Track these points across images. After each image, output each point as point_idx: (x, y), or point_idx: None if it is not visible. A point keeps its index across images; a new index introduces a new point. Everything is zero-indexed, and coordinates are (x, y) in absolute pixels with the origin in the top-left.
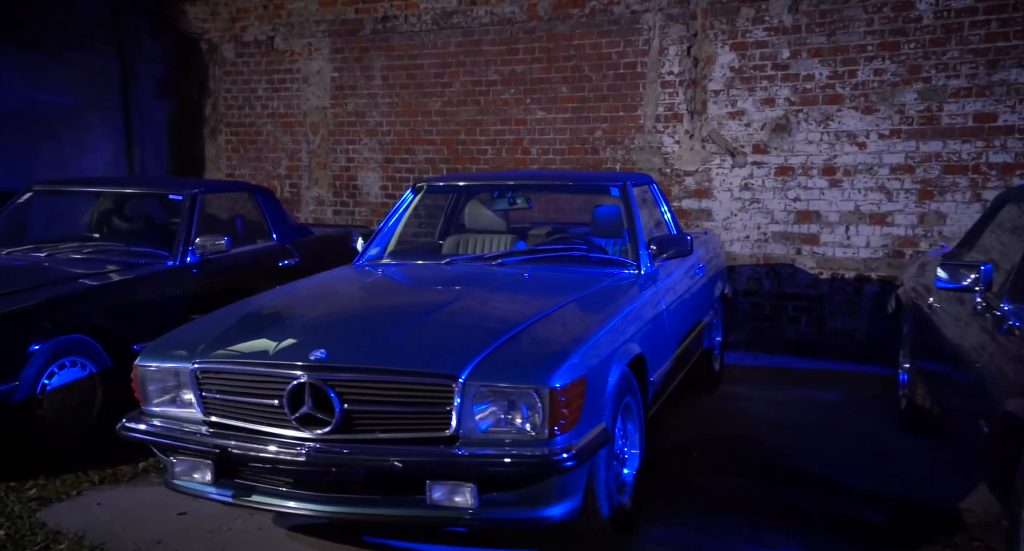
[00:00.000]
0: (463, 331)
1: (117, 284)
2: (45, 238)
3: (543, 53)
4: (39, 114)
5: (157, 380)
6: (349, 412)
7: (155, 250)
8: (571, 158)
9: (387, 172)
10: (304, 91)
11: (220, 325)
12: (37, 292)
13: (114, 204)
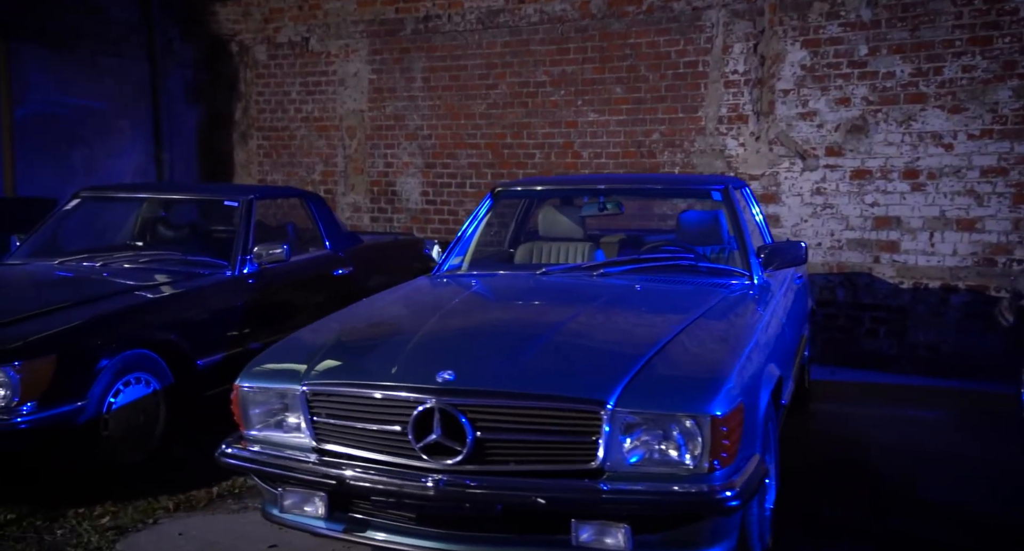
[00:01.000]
0: (597, 352)
1: (180, 296)
2: (95, 247)
3: (596, 52)
4: (69, 119)
5: (261, 403)
6: (482, 441)
7: (213, 259)
8: (625, 162)
9: (427, 177)
10: (340, 94)
11: (322, 343)
12: (102, 304)
13: (162, 211)
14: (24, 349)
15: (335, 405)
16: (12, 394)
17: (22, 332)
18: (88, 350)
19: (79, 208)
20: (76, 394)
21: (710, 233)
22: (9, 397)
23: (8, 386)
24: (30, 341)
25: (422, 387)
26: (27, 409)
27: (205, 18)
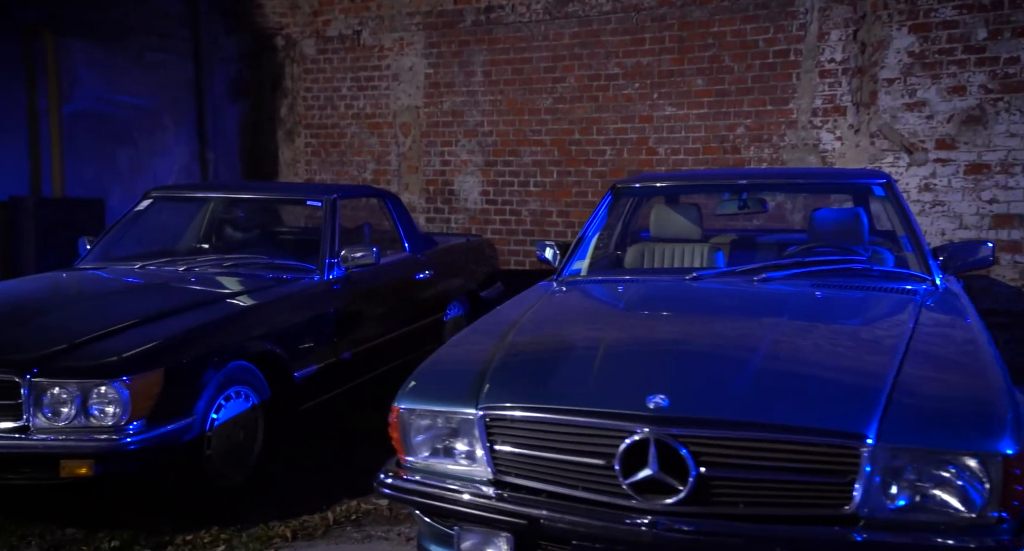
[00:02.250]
0: (828, 375)
1: (275, 303)
2: (168, 249)
3: (674, 42)
4: (116, 116)
5: (426, 428)
6: (705, 478)
7: (299, 263)
8: (706, 158)
9: (488, 176)
10: (394, 89)
11: (486, 360)
12: (201, 313)
13: (235, 211)
14: (132, 363)
15: (520, 432)
16: (121, 411)
17: (124, 344)
18: (194, 363)
19: (150, 209)
20: (183, 411)
21: (849, 233)
22: (118, 415)
23: (117, 403)
24: (137, 354)
25: (632, 414)
26: (135, 428)
27: (250, 11)
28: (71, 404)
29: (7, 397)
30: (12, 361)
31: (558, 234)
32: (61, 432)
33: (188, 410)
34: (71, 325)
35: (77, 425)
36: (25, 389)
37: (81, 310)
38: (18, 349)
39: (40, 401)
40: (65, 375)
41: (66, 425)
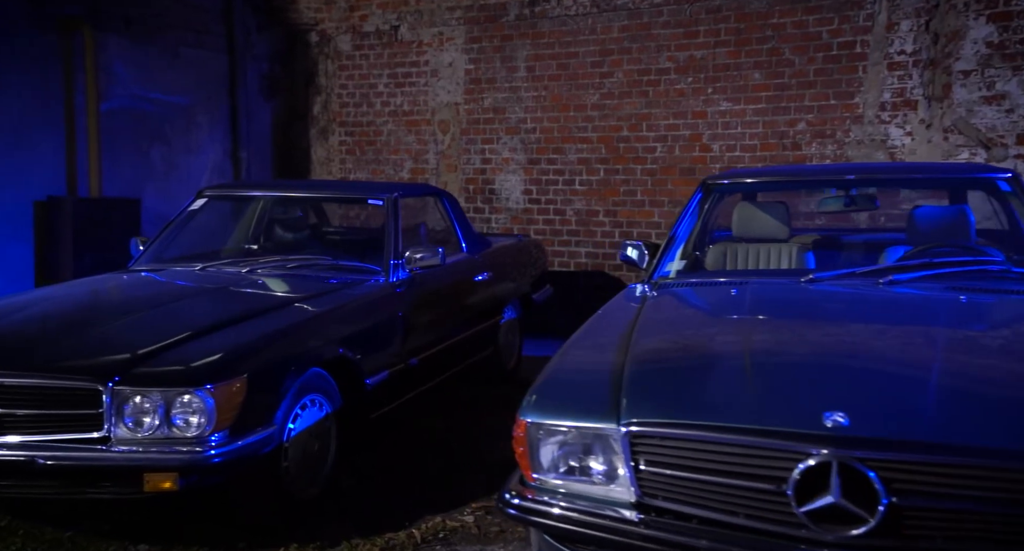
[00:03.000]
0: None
1: (346, 307)
2: (227, 250)
3: (731, 35)
4: (151, 114)
5: (558, 444)
6: (897, 508)
7: (364, 264)
8: (764, 155)
9: (531, 175)
10: (433, 86)
11: (613, 370)
12: (276, 316)
13: (291, 210)
14: (216, 370)
15: (672, 451)
16: (207, 421)
17: (205, 350)
18: (275, 370)
19: (204, 208)
20: (265, 420)
21: (955, 231)
22: (203, 425)
23: (203, 412)
24: (220, 360)
25: (808, 434)
26: (218, 439)
27: (284, 7)
28: (154, 414)
29: (87, 406)
30: (93, 368)
31: (605, 234)
32: (143, 443)
33: (269, 419)
34: (146, 330)
35: (160, 436)
36: (107, 397)
37: (153, 315)
38: (97, 356)
39: (122, 410)
40: (148, 383)
41: (148, 436)
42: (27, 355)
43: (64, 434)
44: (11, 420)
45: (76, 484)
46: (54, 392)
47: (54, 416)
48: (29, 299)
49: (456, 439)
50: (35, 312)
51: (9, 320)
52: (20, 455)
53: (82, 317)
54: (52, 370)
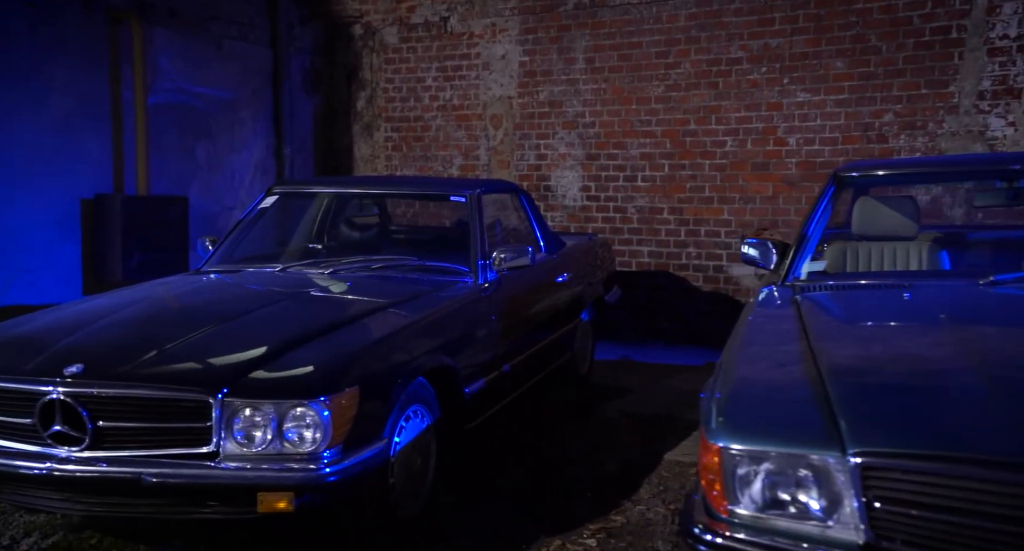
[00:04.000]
0: None
1: (444, 311)
2: (305, 249)
3: (810, 22)
4: (196, 109)
5: (763, 472)
6: None
7: (452, 265)
8: (845, 148)
9: (589, 171)
10: (484, 79)
11: (812, 386)
12: (376, 322)
13: (366, 208)
14: (330, 380)
15: (914, 487)
16: (322, 436)
17: (314, 359)
18: (385, 380)
19: (273, 206)
20: (375, 434)
21: None
22: (318, 440)
23: (318, 426)
24: (333, 370)
25: None
26: (331, 455)
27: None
28: (266, 428)
29: (195, 419)
30: (201, 378)
31: (669, 233)
32: (254, 459)
33: (379, 433)
34: (247, 338)
35: (272, 452)
36: (216, 410)
37: (250, 321)
38: (203, 365)
39: (231, 424)
40: (259, 395)
41: (260, 452)
42: (129, 364)
43: (169, 449)
44: (114, 433)
45: (184, 503)
46: (160, 404)
47: (159, 429)
48: (107, 304)
49: (544, 450)
50: (122, 318)
51: (96, 327)
52: (125, 471)
53: (174, 324)
54: (158, 380)
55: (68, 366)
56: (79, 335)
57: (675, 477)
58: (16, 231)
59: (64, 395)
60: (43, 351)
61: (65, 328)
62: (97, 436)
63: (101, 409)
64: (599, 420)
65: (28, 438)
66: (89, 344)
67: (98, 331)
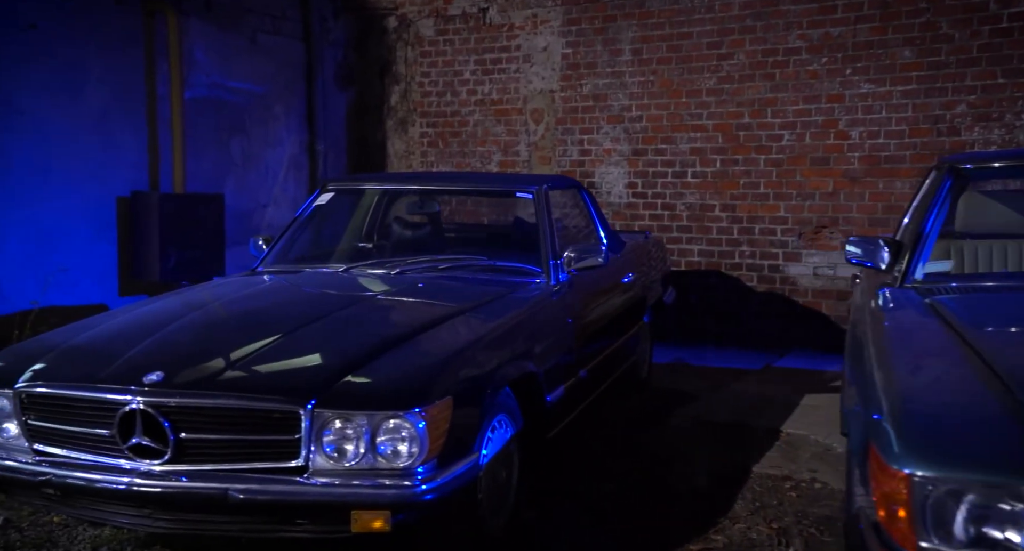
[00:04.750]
0: None
1: (525, 314)
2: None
3: (875, 8)
4: (230, 103)
5: (965, 505)
6: None
7: (526, 266)
8: (912, 142)
9: (635, 167)
10: (525, 72)
11: (997, 405)
12: (459, 327)
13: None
14: (424, 389)
15: None
16: (419, 450)
17: (402, 367)
18: (476, 389)
19: (329, 203)
20: (467, 447)
21: None
22: (414, 454)
23: (414, 440)
24: (427, 379)
25: None
26: (425, 470)
27: None
28: (358, 441)
29: (282, 431)
30: (290, 388)
31: (721, 230)
32: (345, 475)
33: (470, 446)
34: (329, 345)
35: (364, 466)
36: (306, 421)
37: (327, 326)
38: (289, 374)
39: (321, 437)
40: (350, 405)
41: (352, 467)
42: (210, 372)
43: (254, 463)
44: (196, 446)
45: (272, 521)
46: (245, 414)
47: (244, 442)
48: (169, 308)
49: (621, 460)
50: (190, 323)
51: (166, 333)
52: (211, 487)
53: (248, 329)
54: (243, 390)
55: (147, 374)
56: (150, 342)
57: (769, 492)
58: (54, 230)
59: (145, 405)
60: (115, 359)
61: (132, 334)
62: (179, 449)
63: (183, 420)
64: (670, 428)
65: (105, 450)
66: (164, 351)
67: (169, 337)
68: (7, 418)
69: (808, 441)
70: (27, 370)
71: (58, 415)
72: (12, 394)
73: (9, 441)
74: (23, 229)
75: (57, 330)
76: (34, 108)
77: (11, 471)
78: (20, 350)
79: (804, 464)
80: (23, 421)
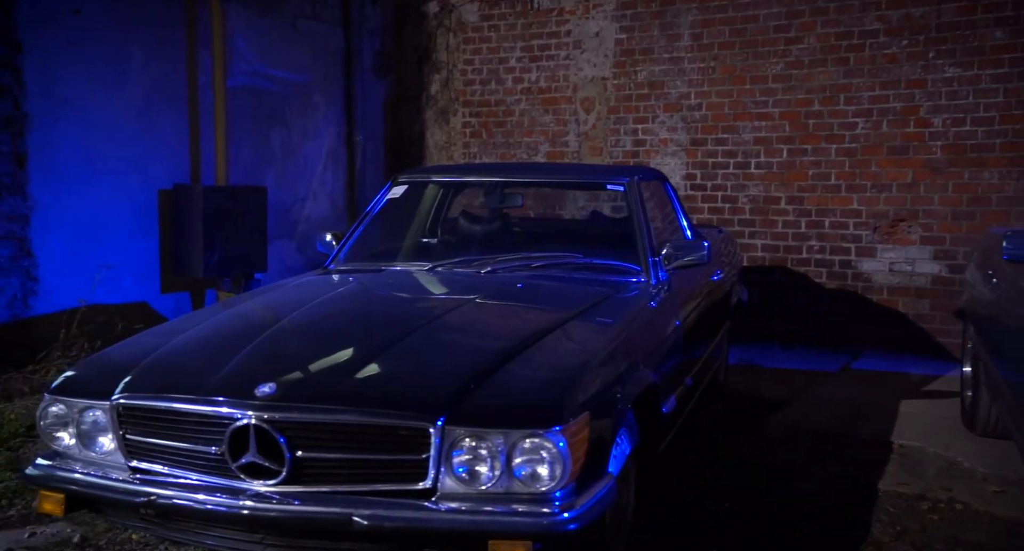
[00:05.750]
0: None
1: (638, 318)
2: (441, 245)
3: None
4: (271, 93)
5: None
6: None
7: (625, 264)
8: (1004, 129)
9: (694, 157)
10: (575, 59)
11: None
12: (575, 335)
13: (502, 198)
14: (561, 404)
15: None
16: (561, 473)
17: (529, 379)
18: (608, 403)
19: (402, 197)
20: (601, 468)
21: None
22: (556, 478)
23: (555, 461)
24: (561, 392)
25: None
26: (562, 495)
27: None
28: (493, 462)
29: (408, 450)
30: (417, 402)
31: (787, 224)
32: (478, 500)
33: (604, 466)
34: (442, 354)
35: (499, 490)
36: (436, 439)
37: (434, 333)
38: (414, 387)
39: (451, 457)
40: (485, 423)
41: (485, 490)
42: (328, 385)
43: (376, 484)
44: (314, 466)
45: (397, 548)
46: (369, 431)
47: (366, 461)
48: (254, 312)
49: (725, 474)
50: (287, 329)
51: (263, 340)
52: (334, 511)
53: (351, 335)
54: (365, 404)
55: (259, 386)
56: (251, 350)
57: (907, 514)
58: (97, 224)
59: (259, 420)
60: (218, 369)
61: (227, 341)
62: (295, 468)
63: (299, 437)
64: (767, 437)
65: (211, 468)
66: (270, 360)
67: (270, 345)
68: (101, 432)
69: (926, 454)
70: (122, 381)
71: (160, 430)
72: (108, 407)
73: (104, 457)
74: (68, 224)
75: (137, 336)
76: (79, 97)
77: (106, 490)
78: (108, 359)
79: (933, 481)
80: (120, 436)
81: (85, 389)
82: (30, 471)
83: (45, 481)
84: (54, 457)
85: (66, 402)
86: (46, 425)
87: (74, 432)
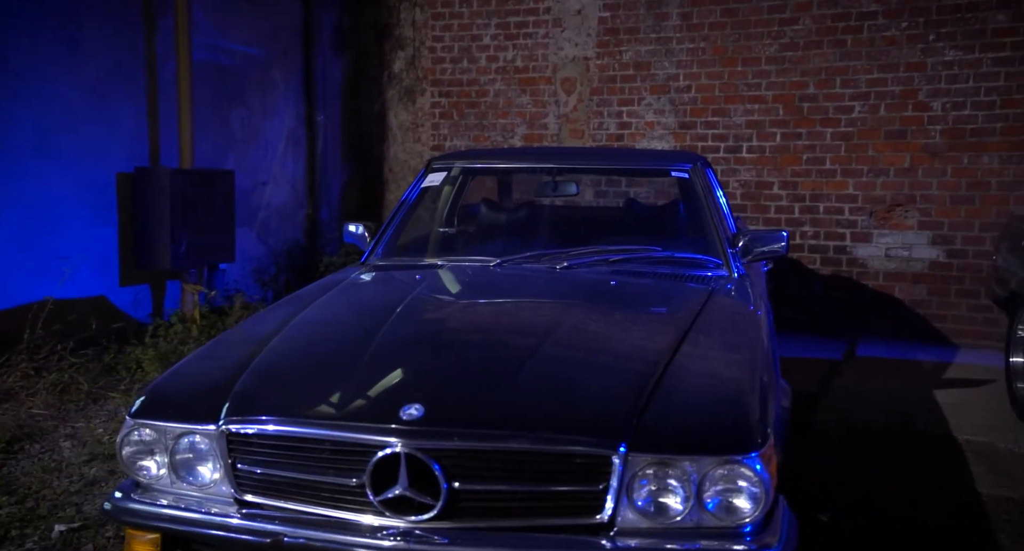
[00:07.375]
0: None
1: (751, 321)
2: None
3: None
4: (230, 69)
5: None
6: None
7: (705, 256)
8: (1005, 113)
9: (682, 141)
10: (555, 37)
11: None
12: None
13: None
14: (753, 426)
15: None
16: (762, 504)
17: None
18: (776, 420)
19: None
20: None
21: None
22: (755, 510)
23: (755, 491)
24: (746, 413)
25: None
26: (754, 528)
27: None
28: (682, 492)
29: (583, 480)
30: (598, 427)
31: (780, 210)
32: (661, 535)
33: (777, 491)
34: (591, 369)
35: (688, 524)
36: (619, 467)
37: (565, 343)
38: (583, 409)
39: (632, 488)
40: (672, 448)
41: (673, 525)
42: (482, 407)
43: (542, 519)
44: (471, 499)
45: None
46: (537, 459)
47: (532, 493)
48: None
49: (799, 476)
50: (398, 339)
51: (378, 352)
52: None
53: (471, 347)
54: (534, 428)
55: (403, 408)
56: (368, 367)
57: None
58: (51, 213)
59: (410, 448)
60: (343, 388)
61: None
62: (451, 502)
63: (456, 466)
64: (822, 435)
65: (343, 504)
66: (404, 378)
67: (390, 358)
68: (202, 460)
69: (999, 450)
70: (224, 402)
71: (280, 459)
72: (215, 433)
73: (203, 489)
74: (18, 212)
75: (207, 349)
76: (31, 71)
77: (220, 528)
78: (191, 377)
79: None
80: (229, 465)
81: (180, 412)
82: (109, 506)
83: (134, 517)
84: (134, 489)
85: (156, 428)
86: (129, 454)
87: (165, 461)
